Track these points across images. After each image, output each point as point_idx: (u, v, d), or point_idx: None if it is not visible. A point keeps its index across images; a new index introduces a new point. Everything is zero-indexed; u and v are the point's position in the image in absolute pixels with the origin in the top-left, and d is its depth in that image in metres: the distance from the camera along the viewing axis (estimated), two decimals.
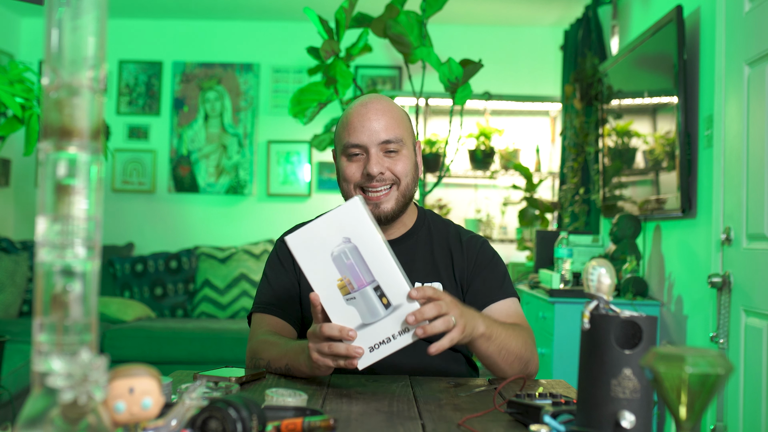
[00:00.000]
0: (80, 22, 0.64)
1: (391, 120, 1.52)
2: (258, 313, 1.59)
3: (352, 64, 3.64)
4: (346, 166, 1.53)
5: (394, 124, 1.52)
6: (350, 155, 1.52)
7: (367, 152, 1.51)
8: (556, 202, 4.40)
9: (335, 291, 1.23)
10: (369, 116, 1.51)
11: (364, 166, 1.51)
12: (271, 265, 1.64)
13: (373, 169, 1.49)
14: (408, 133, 1.56)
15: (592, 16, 4.16)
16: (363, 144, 1.50)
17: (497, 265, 1.61)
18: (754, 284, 2.40)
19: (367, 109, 1.52)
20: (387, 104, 1.54)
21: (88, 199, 0.64)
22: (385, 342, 1.23)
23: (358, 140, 1.50)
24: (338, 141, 1.56)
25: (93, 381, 0.62)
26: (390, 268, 1.22)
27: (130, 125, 5.07)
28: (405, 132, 1.54)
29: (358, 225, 1.23)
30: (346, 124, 1.53)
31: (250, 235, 4.99)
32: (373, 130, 1.50)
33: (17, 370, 3.47)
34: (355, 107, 1.54)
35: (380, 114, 1.51)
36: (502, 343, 1.37)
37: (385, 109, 1.53)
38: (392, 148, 1.51)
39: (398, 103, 1.80)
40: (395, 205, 1.53)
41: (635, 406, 0.88)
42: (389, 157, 1.52)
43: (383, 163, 1.50)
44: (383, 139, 1.50)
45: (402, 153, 1.53)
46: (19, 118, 1.99)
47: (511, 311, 1.55)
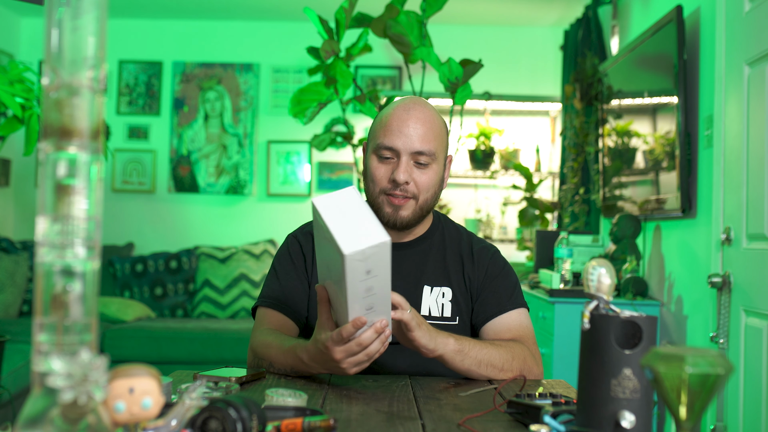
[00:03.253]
0: (80, 22, 0.64)
1: (429, 132, 1.51)
2: (263, 307, 1.59)
3: (352, 64, 3.64)
4: (376, 167, 1.52)
5: (431, 136, 1.51)
6: (381, 156, 1.52)
7: (398, 157, 1.50)
8: (556, 202, 4.40)
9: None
10: (408, 123, 1.50)
11: (392, 171, 1.50)
12: (280, 259, 1.63)
13: (400, 177, 1.48)
14: (442, 147, 1.55)
15: (592, 16, 4.16)
16: (396, 148, 1.49)
17: (507, 275, 1.61)
18: (754, 284, 2.40)
19: (409, 115, 1.51)
20: (429, 114, 1.53)
21: (88, 199, 0.64)
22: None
23: (392, 143, 1.49)
24: (372, 138, 1.55)
25: (93, 381, 0.62)
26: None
27: (130, 125, 5.07)
28: (440, 146, 1.53)
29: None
30: (385, 123, 1.52)
31: (250, 235, 4.99)
32: (410, 137, 1.49)
33: (17, 370, 3.47)
34: (397, 109, 1.52)
35: (420, 123, 1.50)
36: (478, 361, 1.39)
37: (425, 119, 1.51)
38: (423, 161, 1.50)
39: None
40: (411, 215, 1.53)
41: (635, 406, 0.88)
42: (417, 168, 1.51)
43: (410, 173, 1.50)
44: (417, 149, 1.49)
45: (431, 167, 1.52)
46: (19, 118, 1.99)
47: (514, 324, 1.55)
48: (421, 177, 1.51)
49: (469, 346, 1.39)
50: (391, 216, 1.51)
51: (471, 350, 1.39)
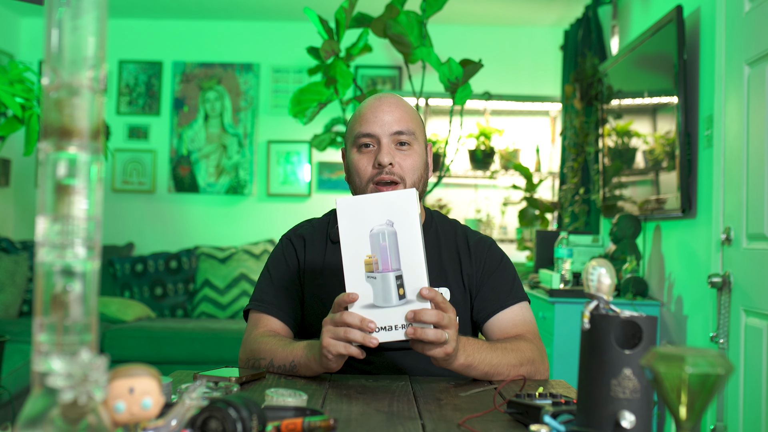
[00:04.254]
0: (80, 22, 0.64)
1: (405, 114, 1.53)
2: (257, 311, 1.57)
3: (352, 64, 3.64)
4: (358, 159, 1.52)
5: (407, 117, 1.53)
6: (361, 146, 1.52)
7: (378, 143, 1.51)
8: (556, 202, 4.40)
9: (360, 264, 1.26)
10: (383, 108, 1.52)
11: (374, 157, 1.50)
12: (273, 261, 1.62)
13: (384, 159, 1.48)
14: (420, 129, 1.56)
15: (592, 16, 4.16)
16: (375, 134, 1.50)
17: (506, 268, 1.60)
18: (754, 284, 2.40)
19: (381, 102, 1.53)
20: (400, 100, 1.56)
21: (88, 199, 0.64)
22: (386, 329, 1.26)
23: (369, 130, 1.50)
24: (349, 134, 1.56)
25: (93, 381, 0.62)
26: (418, 264, 1.25)
27: (130, 125, 5.07)
28: (417, 128, 1.55)
29: (404, 214, 1.26)
30: (359, 116, 1.54)
31: (250, 235, 4.99)
32: (386, 121, 1.51)
33: (17, 370, 3.47)
34: (368, 101, 1.56)
35: (393, 107, 1.53)
36: (489, 367, 1.38)
37: (398, 104, 1.54)
38: (404, 140, 1.51)
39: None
40: None
41: (635, 406, 0.88)
42: (400, 150, 1.51)
43: (393, 155, 1.50)
44: (395, 129, 1.50)
45: (413, 148, 1.53)
46: (19, 118, 1.99)
47: (519, 319, 1.54)
48: (405, 160, 1.51)
49: (479, 358, 1.37)
50: None
51: (480, 364, 1.37)
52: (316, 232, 1.63)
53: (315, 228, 1.64)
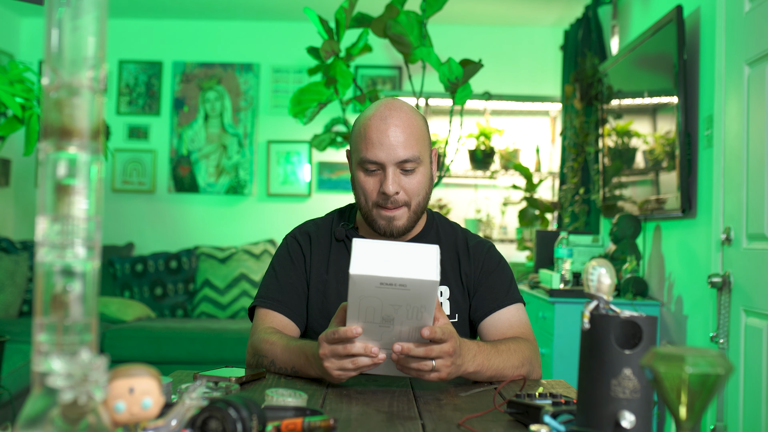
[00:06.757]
0: (80, 22, 0.64)
1: (410, 137, 1.50)
2: (262, 308, 1.58)
3: (352, 64, 3.64)
4: (364, 180, 1.52)
5: (412, 141, 1.50)
6: (367, 170, 1.52)
7: (383, 169, 1.50)
8: (556, 202, 4.40)
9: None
10: (388, 133, 1.49)
11: (380, 183, 1.50)
12: (279, 259, 1.62)
13: (389, 189, 1.48)
14: (426, 147, 1.55)
15: (592, 16, 4.16)
16: (380, 161, 1.49)
17: (503, 270, 1.63)
18: (754, 284, 2.40)
19: (387, 124, 1.49)
20: (406, 117, 1.51)
21: (88, 199, 0.64)
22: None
23: (375, 157, 1.49)
24: (355, 150, 1.55)
25: (93, 381, 0.62)
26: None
27: (130, 125, 5.07)
28: (423, 147, 1.53)
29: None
30: (364, 136, 1.51)
31: (250, 235, 4.99)
32: (392, 147, 1.48)
33: (17, 370, 3.47)
34: (374, 119, 1.51)
35: (399, 130, 1.49)
36: (495, 372, 1.39)
37: (404, 124, 1.50)
38: (409, 168, 1.50)
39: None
40: (407, 221, 1.54)
41: (635, 406, 0.88)
42: (405, 175, 1.51)
43: (399, 182, 1.50)
44: (401, 158, 1.49)
45: (418, 171, 1.52)
46: (19, 118, 1.99)
47: (515, 319, 1.57)
48: (410, 183, 1.51)
49: (487, 365, 1.38)
50: (386, 227, 1.53)
51: (487, 371, 1.38)
52: (321, 230, 1.65)
53: (319, 227, 1.66)
